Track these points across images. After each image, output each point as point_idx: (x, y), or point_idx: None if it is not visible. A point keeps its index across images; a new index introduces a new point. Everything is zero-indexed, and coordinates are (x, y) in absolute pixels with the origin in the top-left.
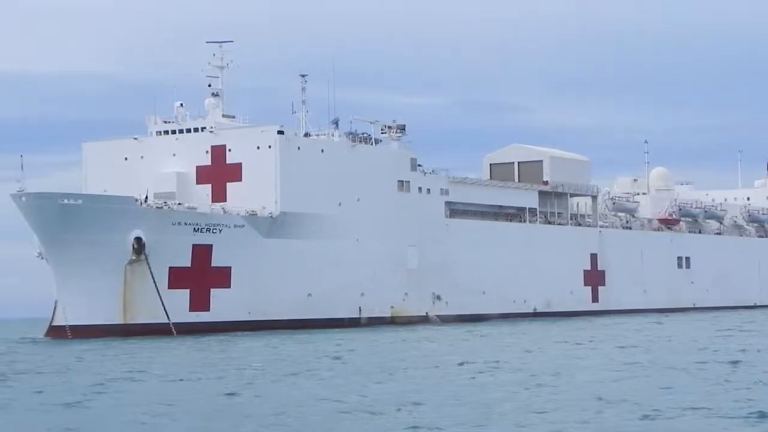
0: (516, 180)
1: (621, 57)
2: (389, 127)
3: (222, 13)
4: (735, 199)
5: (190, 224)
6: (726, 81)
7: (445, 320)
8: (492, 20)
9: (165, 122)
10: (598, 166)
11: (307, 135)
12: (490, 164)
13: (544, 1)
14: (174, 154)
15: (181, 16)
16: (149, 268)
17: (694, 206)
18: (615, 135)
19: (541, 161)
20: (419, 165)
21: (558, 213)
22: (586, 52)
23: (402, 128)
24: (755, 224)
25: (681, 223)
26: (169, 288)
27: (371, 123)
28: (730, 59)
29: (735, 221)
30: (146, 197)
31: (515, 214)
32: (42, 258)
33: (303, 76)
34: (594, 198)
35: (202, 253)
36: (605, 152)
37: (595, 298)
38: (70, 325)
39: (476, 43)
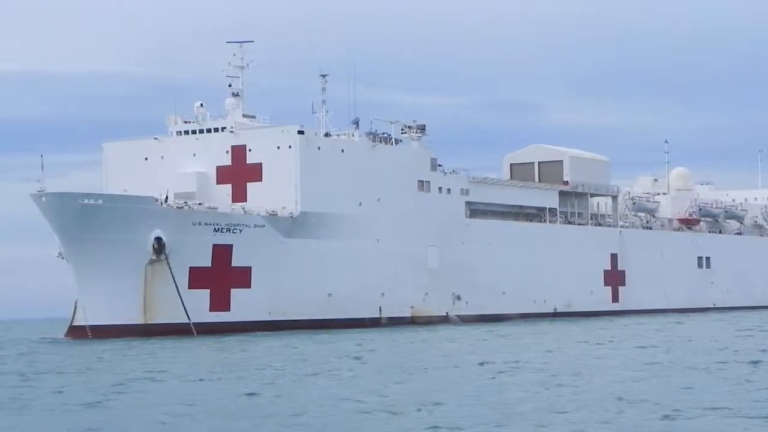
0: (536, 180)
1: (640, 56)
2: (409, 127)
3: (242, 13)
4: (755, 199)
5: (210, 224)
6: (747, 80)
7: (466, 320)
8: (511, 20)
9: (185, 122)
10: (617, 166)
11: (327, 135)
12: (511, 164)
13: (564, 0)
14: (194, 154)
15: (202, 16)
16: (169, 268)
17: (714, 206)
18: (635, 135)
19: (562, 161)
20: (439, 165)
21: (578, 213)
22: (605, 51)
23: (422, 128)
24: None
25: (701, 223)
26: (189, 288)
27: (391, 123)
28: (751, 59)
29: (755, 221)
30: (166, 197)
31: (535, 214)
32: (62, 258)
33: (323, 76)
34: (614, 198)
35: (222, 253)
36: (625, 152)
37: (615, 298)
38: (90, 325)
39: (496, 42)
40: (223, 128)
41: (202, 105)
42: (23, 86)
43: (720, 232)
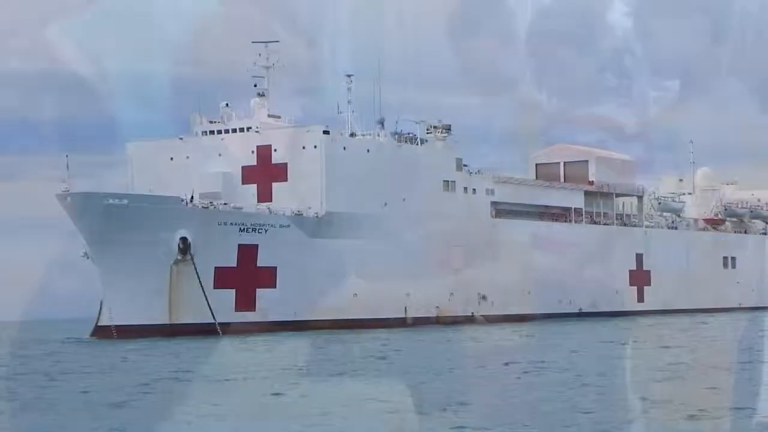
0: (562, 180)
1: (664, 54)
2: (435, 127)
3: (267, 12)
4: None
5: (235, 224)
6: None
7: (491, 320)
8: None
9: (211, 122)
10: (642, 166)
11: (352, 135)
12: (536, 164)
13: None
14: (220, 154)
15: (224, 15)
16: (195, 268)
17: (739, 206)
18: (659, 135)
19: (587, 161)
20: (465, 165)
21: (604, 213)
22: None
23: (447, 128)
24: None
25: (726, 223)
26: (214, 288)
27: (417, 123)
28: None
29: None
30: (192, 197)
31: (561, 214)
32: (87, 258)
33: (349, 76)
34: (639, 198)
35: (247, 252)
36: (649, 152)
37: (640, 298)
38: (115, 325)
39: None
40: (248, 128)
41: (227, 105)
42: (47, 86)
43: (745, 232)
